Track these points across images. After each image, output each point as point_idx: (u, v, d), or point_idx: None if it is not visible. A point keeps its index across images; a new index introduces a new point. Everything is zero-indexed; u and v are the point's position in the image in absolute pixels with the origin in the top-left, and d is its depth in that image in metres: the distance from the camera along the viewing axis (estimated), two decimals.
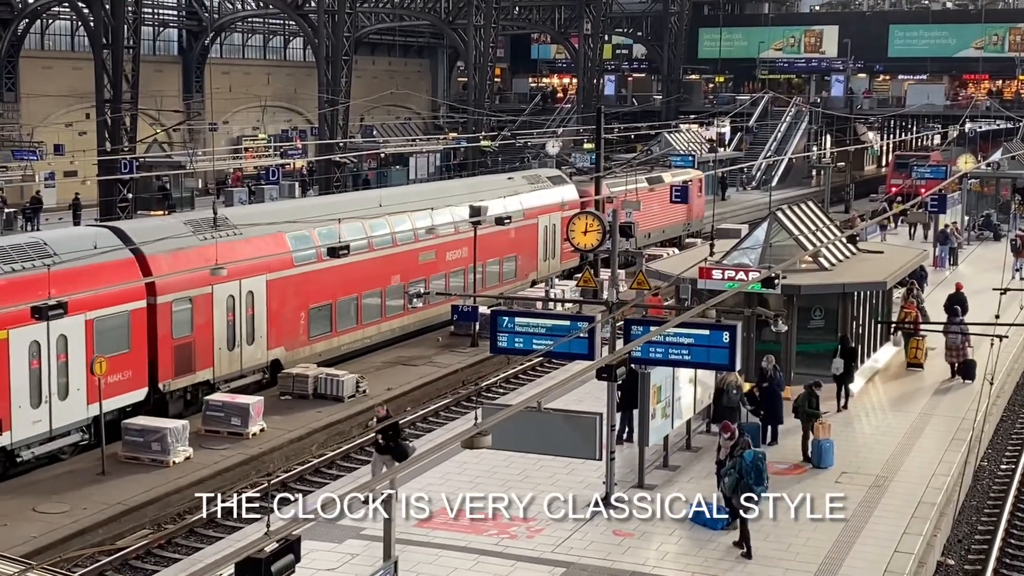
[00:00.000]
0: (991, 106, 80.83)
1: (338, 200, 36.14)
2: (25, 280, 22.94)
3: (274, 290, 29.03)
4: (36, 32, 68.89)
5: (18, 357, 22.45)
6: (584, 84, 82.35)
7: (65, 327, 23.08)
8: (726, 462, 17.85)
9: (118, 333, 24.80)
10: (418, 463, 18.29)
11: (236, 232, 28.35)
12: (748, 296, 24.07)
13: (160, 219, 33.19)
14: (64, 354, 23.50)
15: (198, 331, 26.86)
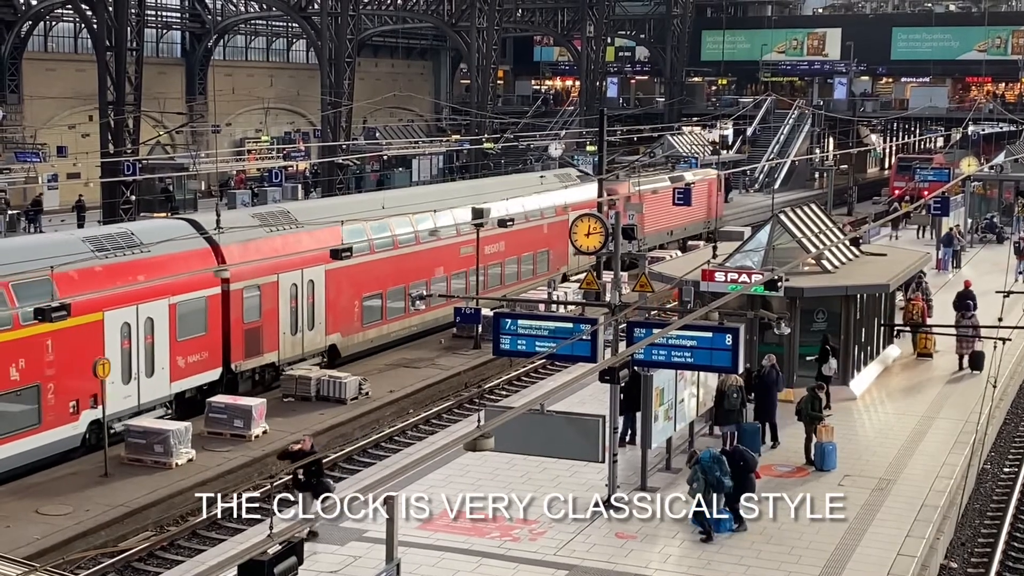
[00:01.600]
0: (994, 109, 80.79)
1: (385, 196, 38.14)
2: (118, 266, 24.92)
3: (332, 280, 30.83)
4: (39, 34, 68.98)
5: (112, 337, 24.44)
6: (587, 86, 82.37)
7: (152, 310, 25.30)
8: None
9: (196, 317, 26.79)
10: (421, 465, 18.26)
11: (298, 225, 30.26)
12: (751, 298, 24.07)
13: (233, 212, 35.82)
14: (150, 335, 25.49)
15: (265, 316, 28.82)
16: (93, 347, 24.04)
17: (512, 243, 38.75)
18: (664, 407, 19.88)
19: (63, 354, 23.40)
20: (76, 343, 23.66)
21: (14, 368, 22.55)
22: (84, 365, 23.67)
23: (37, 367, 22.97)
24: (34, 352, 22.92)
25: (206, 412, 25.86)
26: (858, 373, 26.41)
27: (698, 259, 27.23)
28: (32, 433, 22.85)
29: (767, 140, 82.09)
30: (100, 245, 25.23)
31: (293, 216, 30.84)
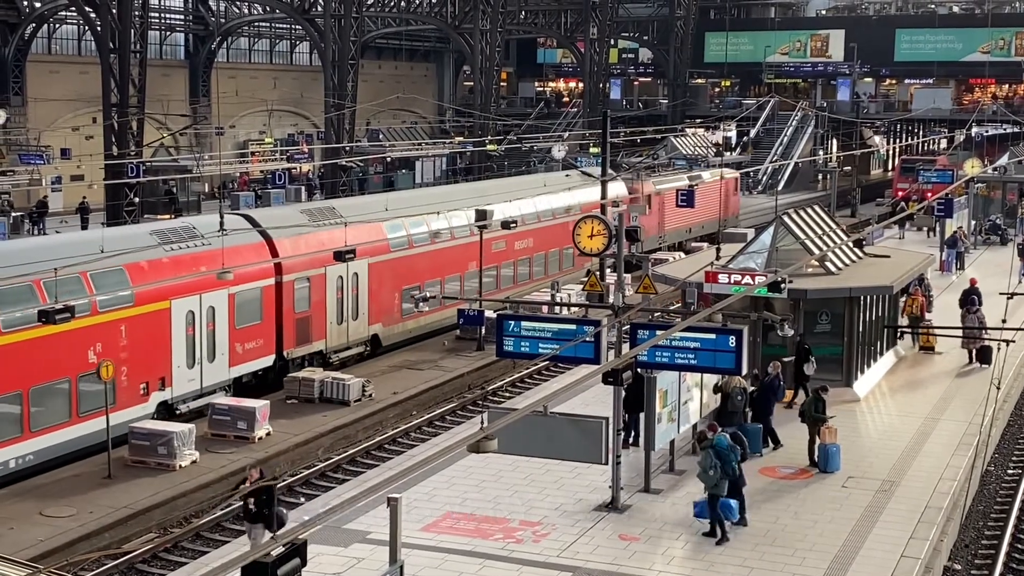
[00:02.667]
0: (998, 110, 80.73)
1: (423, 194, 40.12)
2: (182, 258, 26.54)
3: (374, 273, 32.54)
4: (43, 36, 69.09)
5: (178, 324, 26.04)
6: (590, 88, 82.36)
7: (213, 299, 26.94)
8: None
9: (253, 306, 28.42)
10: (424, 467, 18.23)
11: (343, 221, 31.39)
12: (754, 300, 24.06)
13: (282, 208, 37.54)
14: (212, 323, 27.09)
15: (314, 307, 30.44)
16: (162, 333, 25.70)
17: (540, 239, 40.50)
18: (667, 409, 19.88)
19: (135, 339, 25.02)
20: (147, 329, 25.26)
21: (92, 351, 24.04)
22: (154, 350, 25.48)
23: (112, 351, 24.47)
24: (110, 337, 24.48)
25: (209, 414, 25.89)
26: (862, 375, 26.39)
27: (701, 261, 27.23)
28: (108, 412, 23.99)
29: (770, 142, 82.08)
30: (166, 238, 26.89)
31: (338, 212, 32.39)
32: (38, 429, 22.97)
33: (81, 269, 23.71)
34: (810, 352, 24.55)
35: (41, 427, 23.00)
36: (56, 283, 22.56)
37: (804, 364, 24.32)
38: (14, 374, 22.45)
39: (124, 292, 24.95)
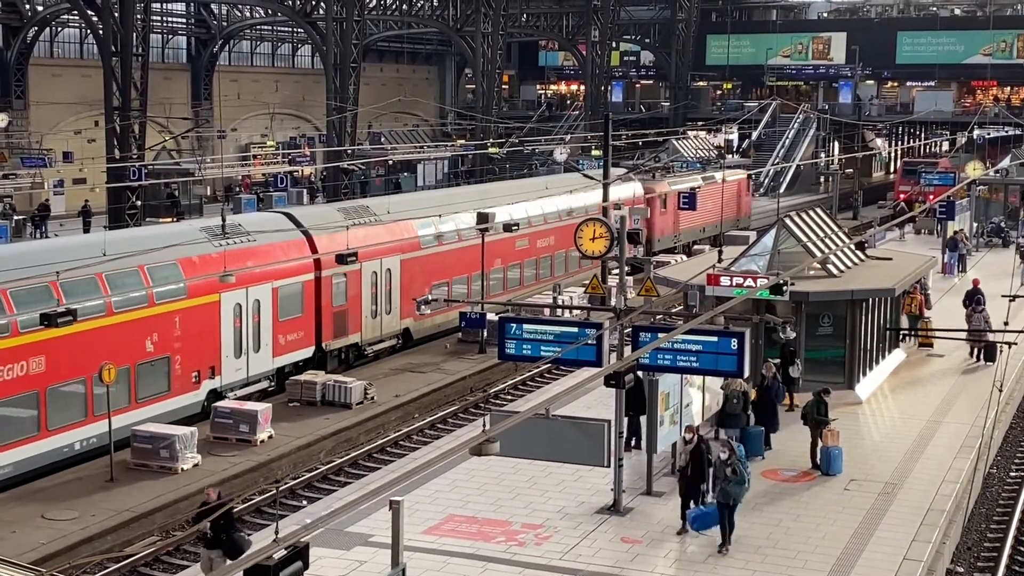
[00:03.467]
0: (999, 112, 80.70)
1: (452, 193, 41.58)
2: (230, 253, 27.54)
3: (406, 269, 33.82)
4: (45, 40, 69.17)
5: (226, 316, 27.34)
6: (592, 91, 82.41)
7: (259, 293, 28.20)
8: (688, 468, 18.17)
9: (294, 300, 29.66)
10: (427, 470, 18.29)
11: (377, 219, 33.02)
12: (756, 303, 24.05)
13: (320, 207, 39.03)
14: (257, 315, 28.32)
15: (350, 301, 31.70)
16: (212, 324, 26.99)
17: (561, 237, 41.12)
18: (669, 411, 19.86)
19: (188, 330, 26.32)
20: (198, 320, 26.58)
21: (149, 341, 25.43)
22: (205, 340, 26.78)
23: (167, 341, 25.86)
24: (165, 327, 25.80)
25: (212, 417, 25.90)
26: (864, 377, 26.38)
27: (703, 263, 27.22)
28: (164, 399, 25.80)
29: (772, 144, 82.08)
30: (214, 234, 27.97)
31: (372, 210, 33.90)
32: (101, 413, 23.85)
33: (139, 263, 25.15)
34: (795, 355, 24.59)
35: (104, 412, 23.76)
36: (117, 276, 24.38)
37: (789, 367, 24.34)
38: (81, 361, 23.61)
39: (178, 285, 26.11)
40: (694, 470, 18.14)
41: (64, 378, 23.44)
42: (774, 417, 22.47)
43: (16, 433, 22.59)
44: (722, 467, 17.69)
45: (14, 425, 22.60)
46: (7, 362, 22.25)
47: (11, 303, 22.47)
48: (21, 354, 22.51)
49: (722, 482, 17.67)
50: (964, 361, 29.54)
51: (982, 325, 29.80)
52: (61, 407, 23.42)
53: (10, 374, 22.38)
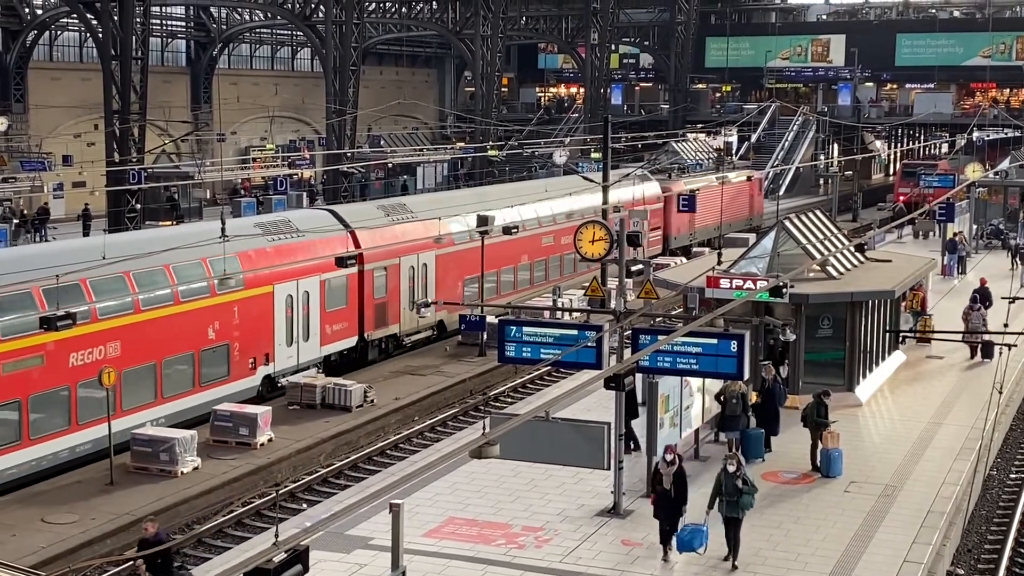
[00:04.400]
0: (999, 114, 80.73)
1: (482, 191, 43.56)
2: (283, 248, 29.35)
3: (441, 264, 35.39)
4: (45, 43, 69.16)
5: (279, 306, 29.07)
6: (591, 93, 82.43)
7: (308, 285, 29.89)
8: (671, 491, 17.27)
9: (340, 292, 31.37)
10: (426, 473, 18.28)
11: (413, 216, 34.82)
12: (756, 305, 24.04)
13: (361, 204, 40.83)
14: (307, 306, 30.00)
15: (390, 294, 33.45)
16: (266, 314, 28.74)
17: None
18: (669, 414, 19.86)
19: (245, 319, 27.98)
20: (255, 310, 28.30)
21: (211, 329, 27.12)
22: (260, 329, 28.54)
23: (227, 329, 27.55)
24: (225, 316, 27.45)
25: (211, 420, 25.89)
26: (864, 379, 26.37)
27: (703, 266, 27.23)
28: (224, 383, 27.52)
29: (772, 146, 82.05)
30: (267, 230, 29.80)
31: (408, 208, 35.82)
32: (169, 396, 25.86)
33: (202, 256, 26.61)
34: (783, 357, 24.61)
35: (171, 394, 25.84)
36: (182, 268, 26.24)
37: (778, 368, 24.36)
38: (150, 348, 25.40)
39: (236, 276, 27.10)
40: (678, 493, 17.38)
41: (137, 362, 25.13)
42: (775, 419, 22.46)
43: (94, 413, 23.97)
44: (730, 480, 17.25)
45: (92, 405, 23.98)
46: (87, 346, 23.85)
47: (91, 292, 24.10)
48: (99, 339, 24.15)
49: (729, 496, 17.20)
50: (965, 361, 29.73)
51: (980, 323, 30.35)
52: (134, 389, 25.04)
53: (89, 357, 23.90)
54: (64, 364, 23.48)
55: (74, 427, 23.83)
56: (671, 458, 17.55)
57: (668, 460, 17.57)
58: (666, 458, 17.62)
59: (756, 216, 60.67)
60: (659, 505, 17.61)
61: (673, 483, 17.37)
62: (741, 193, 59.16)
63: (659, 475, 17.70)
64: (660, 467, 17.71)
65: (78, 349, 23.67)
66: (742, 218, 58.89)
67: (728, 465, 17.41)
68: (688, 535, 17.22)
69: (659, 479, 17.67)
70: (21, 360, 22.64)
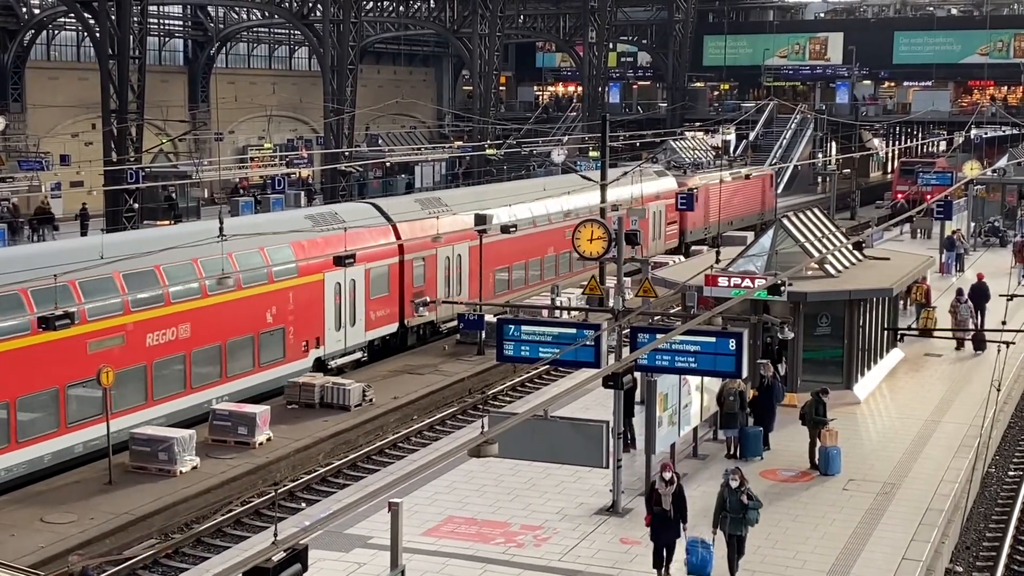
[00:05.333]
0: (997, 112, 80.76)
1: (512, 186, 45.62)
2: (331, 238, 30.83)
3: (473, 255, 36.93)
4: (42, 43, 69.14)
5: (329, 293, 30.80)
6: (589, 92, 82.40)
7: (354, 274, 31.56)
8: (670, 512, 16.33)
9: (383, 281, 33.23)
10: (425, 472, 18.27)
11: (449, 209, 36.57)
12: (754, 303, 24.05)
13: (400, 198, 42.85)
14: (353, 293, 31.75)
15: (428, 283, 35.21)
16: (317, 300, 30.50)
17: None
18: (668, 412, 19.87)
19: (299, 304, 29.77)
20: (307, 296, 30.09)
21: (269, 314, 28.88)
22: (312, 314, 30.30)
23: (283, 314, 29.34)
24: (281, 302, 29.26)
25: (210, 419, 25.89)
26: (862, 377, 26.39)
27: (701, 264, 27.23)
28: (280, 364, 29.35)
29: (770, 145, 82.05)
30: (317, 221, 31.53)
31: (443, 202, 37.77)
32: (233, 375, 27.74)
33: (260, 245, 28.54)
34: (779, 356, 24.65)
35: (235, 374, 27.74)
36: (243, 256, 27.90)
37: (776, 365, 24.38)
38: (215, 330, 27.11)
39: (291, 265, 29.51)
40: (678, 514, 16.46)
41: (205, 343, 26.87)
42: (771, 416, 22.45)
43: (170, 389, 26.03)
44: (734, 496, 16.46)
45: (167, 382, 25.94)
46: (162, 327, 25.77)
47: (164, 277, 26.02)
48: (172, 321, 26.08)
49: (734, 513, 16.41)
50: (955, 354, 30.16)
51: (967, 315, 31.11)
52: (203, 368, 26.87)
53: (163, 338, 25.77)
54: (142, 343, 25.41)
55: (150, 402, 25.57)
56: (669, 476, 16.63)
57: (666, 479, 16.59)
58: (664, 476, 16.67)
59: (768, 211, 61.86)
60: (656, 527, 16.59)
61: (673, 503, 16.42)
62: (753, 188, 60.94)
63: (656, 494, 16.64)
64: (657, 486, 16.67)
65: (154, 330, 25.63)
66: (754, 213, 60.32)
67: (731, 481, 16.56)
68: (700, 560, 16.24)
69: (656, 499, 16.61)
70: (105, 339, 24.44)
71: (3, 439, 22.04)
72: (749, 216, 59.88)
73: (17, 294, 22.55)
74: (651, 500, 16.75)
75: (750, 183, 60.33)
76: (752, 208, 60.74)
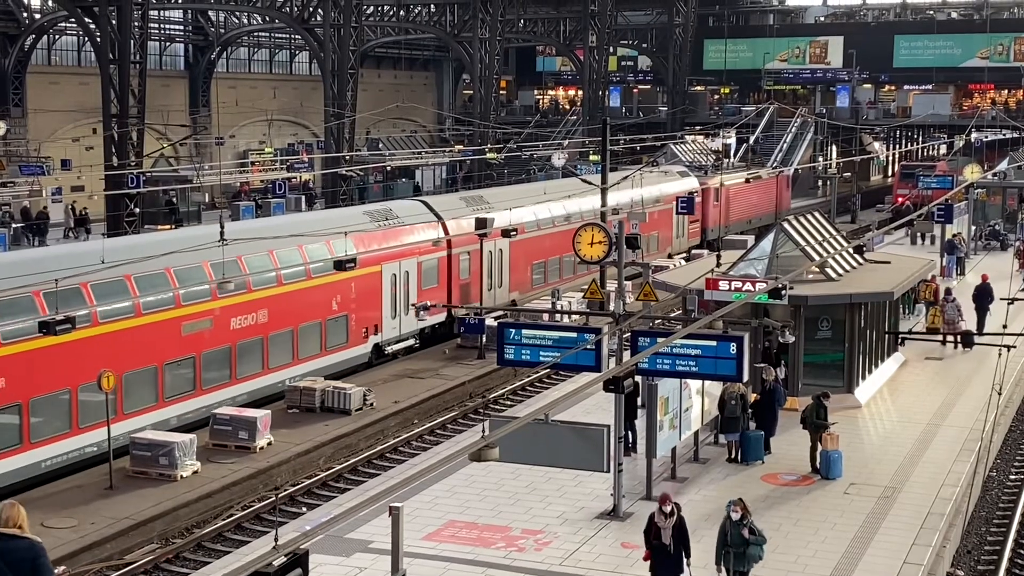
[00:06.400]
0: (997, 116, 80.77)
1: (546, 185, 47.15)
2: (387, 232, 33.41)
3: (513, 249, 39.12)
4: (43, 47, 69.16)
5: (386, 283, 33.08)
6: (589, 96, 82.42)
7: (408, 266, 33.82)
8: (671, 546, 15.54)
9: (433, 273, 35.42)
10: (426, 476, 18.26)
11: (490, 207, 38.82)
12: (755, 307, 24.04)
13: (447, 196, 45.42)
14: (407, 284, 33.86)
15: (472, 275, 37.47)
16: (376, 290, 32.80)
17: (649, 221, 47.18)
18: (669, 416, 19.85)
19: (360, 294, 31.98)
20: (367, 286, 32.26)
21: (334, 302, 31.06)
22: (371, 303, 32.57)
23: (346, 302, 31.47)
24: (344, 291, 31.29)
25: (211, 424, 25.88)
26: (863, 381, 26.37)
27: (702, 268, 27.23)
28: (343, 349, 31.67)
29: (770, 148, 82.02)
30: (374, 217, 33.90)
31: (486, 200, 40.04)
32: (304, 357, 30.01)
33: (327, 239, 30.58)
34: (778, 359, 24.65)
35: (306, 356, 30.07)
36: (313, 249, 30.26)
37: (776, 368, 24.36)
38: (288, 316, 29.38)
39: (352, 256, 30.83)
40: (679, 547, 15.69)
41: (280, 327, 29.13)
42: (773, 420, 22.44)
43: (251, 369, 28.24)
44: (736, 529, 15.81)
45: (248, 362, 28.12)
46: (244, 312, 27.89)
47: (245, 266, 27.88)
48: (253, 307, 28.15)
49: (736, 547, 15.78)
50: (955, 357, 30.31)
51: (954, 314, 31.47)
52: (278, 349, 29.19)
53: (245, 322, 28.09)
54: (227, 327, 27.56)
55: (234, 380, 27.72)
56: (669, 509, 15.74)
57: (666, 511, 15.72)
58: (663, 509, 15.76)
59: (784, 210, 63.19)
60: (656, 563, 15.78)
61: (673, 537, 15.63)
62: (770, 188, 63.60)
63: (655, 527, 15.77)
64: (656, 519, 15.78)
65: (237, 315, 27.81)
66: (770, 212, 61.67)
67: (732, 513, 15.85)
68: None
69: (655, 532, 15.76)
70: (196, 322, 26.72)
71: (112, 412, 23.71)
72: (767, 215, 61.02)
73: (123, 280, 25.17)
74: (650, 534, 15.87)
75: (767, 183, 63.02)
76: (769, 207, 62.55)
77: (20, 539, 9.42)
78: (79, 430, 23.79)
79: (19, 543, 9.38)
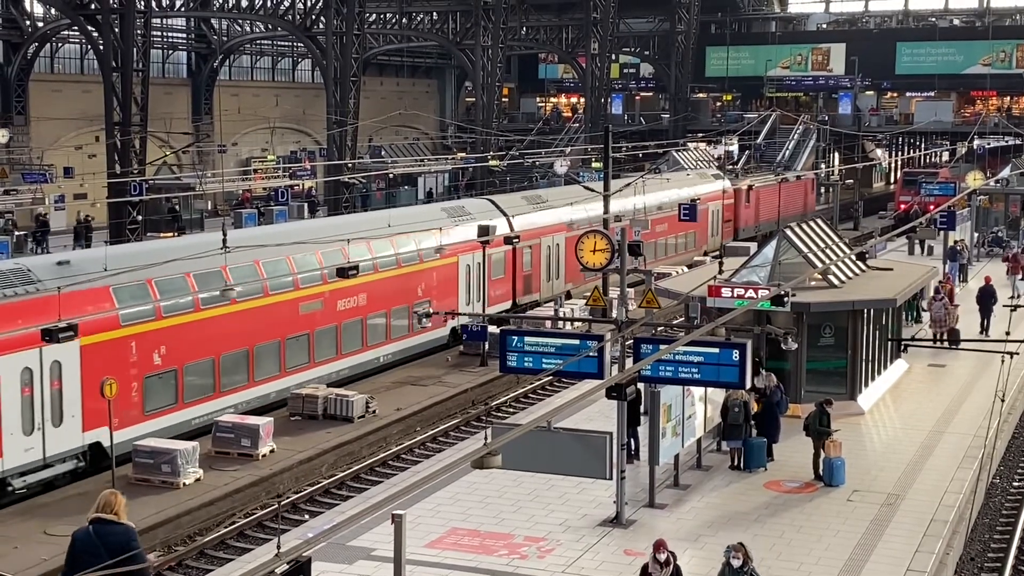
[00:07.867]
0: (999, 122, 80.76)
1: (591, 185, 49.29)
2: (462, 227, 36.44)
3: (569, 244, 39.91)
4: (46, 55, 69.27)
5: (462, 273, 36.50)
6: (592, 103, 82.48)
7: (480, 257, 36.78)
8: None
9: (500, 265, 38.97)
10: (428, 483, 18.23)
11: (549, 205, 42.42)
12: (757, 314, 24.03)
13: (510, 195, 47.53)
14: (480, 273, 37.12)
15: (533, 268, 41.00)
16: (453, 279, 36.06)
17: (672, 225, 50.45)
18: (672, 423, 19.84)
19: (440, 282, 35.41)
20: (446, 276, 35.65)
21: (419, 288, 34.45)
22: (449, 291, 35.81)
23: (429, 289, 34.87)
24: (427, 279, 34.85)
25: (213, 431, 25.87)
26: (866, 388, 26.36)
27: (704, 275, 27.22)
28: (426, 331, 34.35)
29: (772, 156, 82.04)
30: (451, 213, 37.47)
31: (544, 198, 43.54)
32: (396, 336, 33.61)
33: (409, 233, 34.16)
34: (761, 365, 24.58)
35: (397, 336, 33.61)
36: (401, 240, 33.66)
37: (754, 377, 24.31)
38: (384, 300, 32.77)
39: (434, 248, 34.82)
40: None
41: (377, 310, 32.47)
42: (775, 427, 22.43)
43: (353, 346, 31.59)
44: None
45: (351, 341, 31.45)
46: (349, 295, 31.14)
47: (348, 255, 30.73)
48: (355, 291, 31.34)
49: None
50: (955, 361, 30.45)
51: (942, 314, 32.24)
52: (374, 330, 32.41)
53: (349, 304, 31.33)
54: (335, 308, 30.90)
55: (339, 355, 31.11)
56: (664, 557, 15.17)
57: (660, 560, 15.13)
58: (658, 557, 15.16)
59: (810, 211, 65.32)
60: None
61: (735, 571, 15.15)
62: (797, 190, 66.79)
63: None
64: (650, 568, 15.16)
65: (344, 297, 31.03)
66: (797, 212, 63.41)
67: (733, 560, 15.26)
68: None
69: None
70: (310, 303, 30.00)
71: (243, 379, 27.71)
72: (794, 216, 61.53)
73: (253, 265, 28.44)
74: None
75: (795, 185, 66.23)
76: (797, 208, 65.00)
77: (117, 524, 10.66)
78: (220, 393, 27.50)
79: (116, 528, 10.68)
